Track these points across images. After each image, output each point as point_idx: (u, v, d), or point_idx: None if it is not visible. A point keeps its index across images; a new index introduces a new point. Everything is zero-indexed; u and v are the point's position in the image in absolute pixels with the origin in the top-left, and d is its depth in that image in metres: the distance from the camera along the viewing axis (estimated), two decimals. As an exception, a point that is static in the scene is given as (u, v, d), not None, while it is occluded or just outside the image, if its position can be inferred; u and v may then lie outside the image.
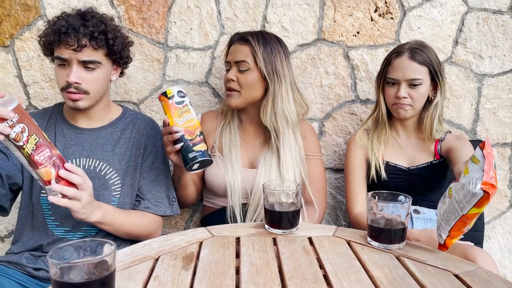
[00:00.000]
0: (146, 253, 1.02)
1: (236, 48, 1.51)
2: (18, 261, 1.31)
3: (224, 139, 1.57)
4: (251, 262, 0.97)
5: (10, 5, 1.72)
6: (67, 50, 1.27)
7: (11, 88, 1.77)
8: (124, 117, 1.47)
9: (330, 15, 1.81)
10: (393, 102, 1.54)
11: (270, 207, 1.14)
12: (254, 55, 1.47)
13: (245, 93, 1.49)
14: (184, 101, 1.26)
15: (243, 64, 1.48)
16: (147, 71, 1.81)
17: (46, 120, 1.41)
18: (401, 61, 1.51)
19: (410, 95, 1.51)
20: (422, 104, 1.54)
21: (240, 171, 1.51)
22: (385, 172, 1.56)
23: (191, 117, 1.25)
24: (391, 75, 1.54)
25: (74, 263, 0.74)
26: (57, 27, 1.28)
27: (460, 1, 1.81)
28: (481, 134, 1.90)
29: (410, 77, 1.49)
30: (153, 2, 1.76)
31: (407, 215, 1.06)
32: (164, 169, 1.47)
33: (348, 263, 0.98)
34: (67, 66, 1.30)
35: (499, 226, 1.97)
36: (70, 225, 1.33)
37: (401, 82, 1.51)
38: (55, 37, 1.27)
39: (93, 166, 1.36)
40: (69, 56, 1.28)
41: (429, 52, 1.51)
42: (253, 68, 1.48)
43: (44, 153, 1.06)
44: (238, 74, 1.49)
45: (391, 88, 1.55)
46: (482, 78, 1.86)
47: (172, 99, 1.24)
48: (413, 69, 1.49)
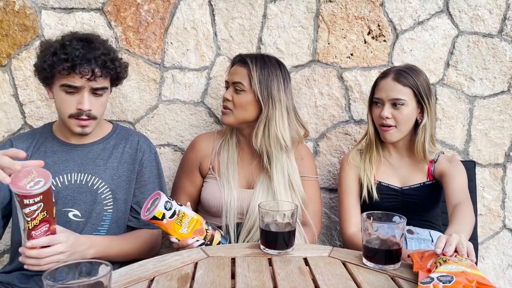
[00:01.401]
0: (141, 274, 1.01)
1: (235, 69, 1.54)
2: (10, 281, 1.29)
3: (222, 157, 1.57)
4: (247, 283, 0.97)
5: (8, 25, 1.73)
6: (81, 79, 1.27)
7: (7, 107, 1.77)
8: (115, 133, 1.48)
9: (324, 37, 1.84)
10: (379, 123, 1.57)
11: (266, 227, 1.14)
12: (250, 77, 1.49)
13: (238, 113, 1.51)
14: (175, 210, 1.19)
15: (238, 85, 1.50)
16: (143, 91, 1.83)
17: (35, 140, 1.41)
18: (385, 82, 1.55)
19: (394, 115, 1.53)
20: (408, 126, 1.55)
21: (236, 190, 1.51)
22: (377, 192, 1.57)
23: (190, 218, 1.22)
24: (376, 95, 1.57)
25: (70, 284, 0.73)
26: (69, 56, 1.25)
27: (451, 24, 1.85)
28: (473, 154, 1.92)
29: (392, 97, 1.52)
30: (150, 24, 1.79)
31: (402, 235, 1.07)
32: (158, 183, 1.49)
33: (344, 284, 0.98)
34: (75, 93, 1.30)
35: (493, 247, 1.98)
36: None
37: (385, 102, 1.54)
38: (67, 66, 1.25)
39: (85, 180, 1.36)
40: (82, 84, 1.28)
41: (415, 75, 1.53)
42: (248, 90, 1.50)
43: (42, 229, 1.06)
44: (233, 94, 1.51)
45: (376, 108, 1.58)
46: (473, 99, 1.90)
47: (165, 217, 1.18)
48: (396, 90, 1.52)
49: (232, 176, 1.53)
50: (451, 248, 1.02)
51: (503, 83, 1.89)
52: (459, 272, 0.87)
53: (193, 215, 1.24)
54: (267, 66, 1.52)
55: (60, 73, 1.27)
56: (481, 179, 1.93)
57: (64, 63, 1.25)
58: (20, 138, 1.41)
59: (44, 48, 1.33)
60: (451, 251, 1.01)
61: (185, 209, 1.23)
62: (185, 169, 1.64)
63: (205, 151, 1.60)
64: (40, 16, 1.74)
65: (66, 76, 1.28)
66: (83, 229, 1.34)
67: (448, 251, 1.01)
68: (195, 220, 1.23)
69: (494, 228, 1.97)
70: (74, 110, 1.30)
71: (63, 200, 1.33)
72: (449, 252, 1.01)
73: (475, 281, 0.84)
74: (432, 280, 0.86)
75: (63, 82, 1.29)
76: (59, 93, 1.31)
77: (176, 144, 1.87)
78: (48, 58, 1.28)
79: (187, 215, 1.22)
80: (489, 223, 1.97)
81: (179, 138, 1.87)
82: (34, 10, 1.73)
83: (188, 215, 1.22)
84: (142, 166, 1.45)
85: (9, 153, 1.02)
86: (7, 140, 1.42)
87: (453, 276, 0.86)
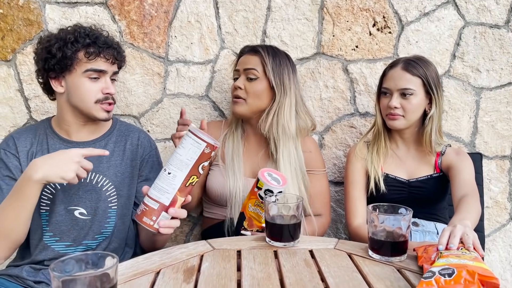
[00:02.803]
0: (147, 267, 1.02)
1: (246, 58, 1.54)
2: (19, 274, 1.30)
3: (227, 148, 1.57)
4: (253, 275, 0.97)
5: (12, 20, 1.74)
6: (105, 63, 1.32)
7: (12, 102, 1.78)
8: (115, 129, 1.47)
9: (329, 30, 1.83)
10: (386, 113, 1.56)
11: (271, 219, 1.14)
12: (263, 64, 1.50)
13: (251, 102, 1.51)
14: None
15: (252, 72, 1.50)
16: (147, 85, 1.83)
17: (36, 136, 1.39)
18: (394, 71, 1.54)
19: (402, 105, 1.52)
20: (415, 116, 1.54)
21: (242, 181, 1.51)
22: (384, 184, 1.56)
23: (261, 215, 1.26)
24: (384, 85, 1.57)
25: (76, 276, 0.74)
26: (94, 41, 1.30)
27: (457, 15, 1.84)
28: (480, 146, 1.91)
29: (401, 86, 1.51)
30: (154, 17, 1.78)
31: (408, 227, 1.06)
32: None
33: (350, 276, 0.98)
34: (98, 79, 1.33)
35: (500, 239, 1.97)
36: (70, 240, 1.33)
37: (393, 92, 1.53)
38: (93, 50, 1.29)
39: (89, 178, 1.36)
40: (106, 68, 1.33)
41: (425, 65, 1.53)
42: (262, 77, 1.51)
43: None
44: (246, 83, 1.51)
45: (384, 98, 1.57)
46: (480, 91, 1.88)
47: (259, 190, 1.23)
48: (405, 79, 1.51)
49: (237, 167, 1.52)
50: (456, 239, 1.01)
51: (510, 75, 1.87)
52: (461, 265, 0.86)
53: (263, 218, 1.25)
54: (277, 55, 1.54)
55: (87, 57, 1.29)
56: (487, 172, 1.92)
57: (90, 48, 1.29)
58: (22, 135, 1.39)
59: (52, 40, 1.31)
60: (456, 243, 1.00)
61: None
62: None
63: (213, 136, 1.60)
64: (44, 11, 1.74)
65: (90, 61, 1.30)
66: (91, 227, 1.35)
67: (453, 244, 1.00)
68: (260, 220, 1.27)
69: (501, 220, 1.96)
70: (101, 95, 1.33)
71: (68, 198, 1.33)
72: (454, 246, 0.99)
73: (476, 273, 0.83)
74: (433, 275, 0.85)
75: (88, 67, 1.30)
76: (81, 80, 1.31)
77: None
78: (69, 46, 1.28)
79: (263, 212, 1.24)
80: (496, 215, 1.96)
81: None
82: (38, 4, 1.73)
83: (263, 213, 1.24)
84: (143, 161, 1.45)
85: (95, 153, 1.21)
86: (9, 137, 1.39)
87: (454, 269, 0.85)
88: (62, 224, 1.32)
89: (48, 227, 1.32)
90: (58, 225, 1.32)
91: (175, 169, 1.03)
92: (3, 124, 1.79)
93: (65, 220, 1.32)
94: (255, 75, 1.50)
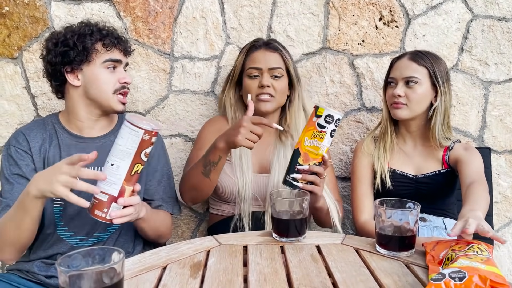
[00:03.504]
0: (154, 262, 1.02)
1: (267, 55, 1.54)
2: (29, 269, 1.30)
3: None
4: (259, 270, 0.97)
5: (18, 17, 1.74)
6: (120, 54, 1.38)
7: (19, 99, 1.79)
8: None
9: (335, 24, 1.82)
10: (391, 102, 1.55)
11: (278, 215, 1.14)
12: (285, 62, 1.56)
13: (279, 99, 1.56)
14: (325, 128, 1.20)
15: (278, 70, 1.54)
16: (153, 81, 1.83)
17: (46, 130, 1.38)
18: (401, 61, 1.54)
19: (406, 94, 1.51)
20: (420, 107, 1.52)
21: (250, 177, 1.50)
22: (391, 180, 1.55)
23: (319, 145, 1.21)
24: (390, 75, 1.57)
25: (83, 271, 0.74)
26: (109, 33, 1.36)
27: (465, 8, 1.81)
28: (489, 141, 1.89)
29: (406, 75, 1.50)
30: (159, 13, 1.78)
31: (416, 222, 1.05)
32: (167, 171, 1.50)
33: (357, 271, 0.98)
34: (115, 68, 1.37)
35: (509, 234, 1.95)
36: (84, 233, 1.34)
37: (398, 81, 1.52)
38: (112, 40, 1.35)
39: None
40: (121, 57, 1.39)
41: (433, 58, 1.52)
42: (285, 75, 1.57)
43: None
44: (272, 80, 1.53)
45: (390, 88, 1.56)
46: (488, 85, 1.86)
47: (318, 119, 1.20)
48: (411, 68, 1.50)
49: (246, 164, 1.51)
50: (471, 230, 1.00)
51: (519, 68, 1.85)
52: (472, 268, 0.84)
53: (322, 148, 1.22)
54: (286, 48, 1.60)
55: (105, 48, 1.34)
56: (496, 166, 1.90)
57: (107, 39, 1.34)
58: (32, 130, 1.38)
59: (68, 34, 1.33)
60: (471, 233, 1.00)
61: (327, 140, 1.22)
62: (201, 144, 1.59)
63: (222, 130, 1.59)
64: (50, 8, 1.75)
65: (108, 52, 1.35)
66: (101, 223, 1.34)
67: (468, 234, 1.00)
68: (317, 152, 1.22)
69: (510, 215, 1.94)
70: (118, 85, 1.36)
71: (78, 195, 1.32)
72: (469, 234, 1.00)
73: (488, 279, 0.80)
74: (443, 277, 0.83)
75: (107, 57, 1.35)
76: (100, 70, 1.34)
77: (186, 134, 1.87)
78: (88, 38, 1.32)
79: (322, 141, 1.21)
80: (505, 210, 1.94)
81: (190, 128, 1.87)
82: (44, 2, 1.74)
83: (322, 143, 1.21)
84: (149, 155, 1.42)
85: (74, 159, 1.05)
86: (18, 133, 1.37)
87: (466, 273, 0.82)
88: (76, 218, 1.32)
89: (62, 221, 1.32)
90: (72, 220, 1.32)
91: (117, 159, 1.03)
92: (10, 121, 1.80)
93: (79, 214, 1.32)
94: (280, 73, 1.54)
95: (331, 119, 1.18)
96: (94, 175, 1.04)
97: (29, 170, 1.31)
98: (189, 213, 1.92)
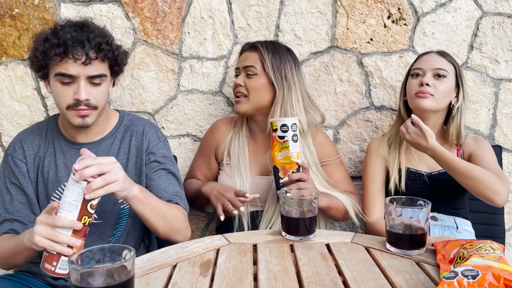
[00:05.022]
0: (164, 260, 1.02)
1: (246, 55, 1.55)
2: (37, 270, 1.31)
3: (233, 148, 1.58)
4: (269, 269, 0.97)
5: (28, 19, 1.76)
6: (75, 65, 1.18)
7: (30, 100, 1.81)
8: (121, 125, 1.40)
9: (343, 23, 1.81)
10: (416, 91, 1.50)
11: (287, 214, 1.14)
12: (262, 61, 1.51)
13: (252, 98, 1.51)
14: (285, 137, 1.27)
15: (250, 69, 1.51)
16: (162, 82, 1.83)
17: (43, 136, 1.35)
18: (429, 55, 1.54)
19: (435, 85, 1.48)
20: (444, 102, 1.50)
21: (249, 179, 1.51)
22: (406, 178, 1.54)
23: (289, 155, 1.28)
24: (417, 66, 1.54)
25: (95, 268, 0.74)
26: (61, 39, 1.17)
27: (474, 5, 1.80)
28: (499, 139, 1.87)
29: (437, 66, 1.49)
30: (167, 14, 1.79)
31: (427, 220, 1.04)
32: (172, 169, 1.41)
33: (368, 269, 0.97)
34: (71, 83, 1.21)
35: (521, 233, 1.93)
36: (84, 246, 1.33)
37: (426, 72, 1.50)
38: (60, 50, 1.16)
39: None
40: (77, 72, 1.19)
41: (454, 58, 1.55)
42: (261, 73, 1.51)
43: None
44: (245, 79, 1.52)
45: (414, 79, 1.52)
46: (498, 82, 1.84)
47: (276, 132, 1.26)
48: (440, 61, 1.51)
49: (243, 166, 1.53)
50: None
51: (530, 65, 1.83)
52: (485, 266, 0.83)
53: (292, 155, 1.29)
54: (278, 50, 1.53)
55: (53, 60, 1.19)
56: (507, 164, 1.88)
57: (56, 48, 1.16)
58: (28, 137, 1.35)
59: (36, 37, 1.24)
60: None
61: (293, 145, 1.29)
62: (202, 151, 1.67)
63: (223, 135, 1.61)
64: (60, 10, 1.76)
65: (59, 64, 1.18)
66: (103, 230, 1.33)
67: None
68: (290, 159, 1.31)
69: (522, 214, 1.92)
70: (71, 100, 1.21)
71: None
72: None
73: (502, 277, 0.79)
74: (456, 275, 0.82)
75: (58, 71, 1.19)
76: (55, 84, 1.22)
77: (195, 134, 1.88)
78: (40, 46, 1.19)
79: (289, 150, 1.28)
80: (516, 209, 1.92)
81: (198, 128, 1.87)
82: (53, 3, 1.75)
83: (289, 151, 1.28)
84: (150, 154, 1.37)
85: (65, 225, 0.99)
86: (16, 140, 1.34)
87: (479, 271, 0.81)
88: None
89: None
90: None
91: (65, 212, 0.97)
92: (21, 122, 1.82)
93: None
94: (253, 71, 1.50)
95: (286, 127, 1.24)
96: (70, 224, 0.97)
97: (23, 179, 1.30)
98: (198, 212, 1.92)
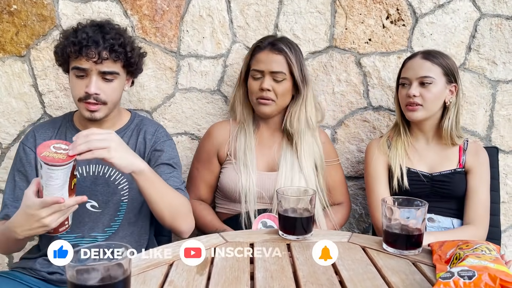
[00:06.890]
0: (161, 258, 1.02)
1: (270, 57, 1.51)
2: (32, 266, 1.32)
3: (239, 143, 1.56)
4: (266, 268, 0.97)
5: (26, 15, 1.75)
6: (88, 62, 1.29)
7: (27, 97, 1.80)
8: (132, 123, 1.48)
9: (342, 23, 1.81)
10: (405, 102, 1.53)
11: (284, 212, 1.14)
12: (289, 64, 1.50)
13: (280, 102, 1.53)
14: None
15: (280, 74, 1.50)
16: (160, 80, 1.83)
17: (56, 129, 1.43)
18: (413, 61, 1.53)
19: (422, 94, 1.49)
20: (435, 107, 1.51)
21: (255, 174, 1.50)
22: (408, 179, 1.54)
23: None
24: (403, 75, 1.55)
25: (91, 265, 0.74)
26: (77, 39, 1.28)
27: (473, 7, 1.80)
28: (496, 140, 1.88)
29: (420, 75, 1.49)
30: (166, 12, 1.78)
31: (423, 220, 1.05)
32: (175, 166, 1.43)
33: (364, 269, 0.97)
34: (85, 77, 1.31)
35: (516, 235, 1.94)
36: (80, 231, 1.34)
37: (412, 81, 1.51)
38: (75, 49, 1.28)
39: (102, 172, 1.37)
40: (89, 66, 1.29)
41: (444, 56, 1.52)
42: (288, 78, 1.51)
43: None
44: (273, 84, 1.50)
45: (403, 89, 1.55)
46: (496, 84, 1.85)
47: None
48: (425, 68, 1.49)
49: (250, 161, 1.52)
50: None
51: (528, 67, 1.83)
52: (482, 267, 0.83)
53: None
54: (294, 48, 1.55)
55: (70, 57, 1.31)
56: (503, 166, 1.88)
57: (72, 46, 1.28)
58: (42, 128, 1.43)
59: (62, 35, 1.36)
60: None
61: None
62: (202, 158, 1.64)
63: (222, 138, 1.60)
64: (58, 6, 1.75)
65: (75, 59, 1.30)
66: (101, 219, 1.36)
67: None
68: None
69: (517, 216, 1.93)
70: (82, 93, 1.30)
71: (81, 191, 1.32)
72: None
73: (498, 278, 0.79)
74: (452, 276, 0.82)
75: (73, 65, 1.31)
76: (71, 77, 1.34)
77: (193, 132, 1.88)
78: (61, 43, 1.33)
79: None
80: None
81: (196, 126, 1.87)
82: (51, 0, 1.75)
83: None
84: (155, 150, 1.42)
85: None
86: (30, 132, 1.43)
87: (475, 271, 0.81)
88: (74, 216, 1.32)
89: None
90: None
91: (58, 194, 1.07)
92: (18, 119, 1.81)
93: (77, 212, 1.32)
94: (282, 77, 1.50)
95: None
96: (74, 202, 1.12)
97: (30, 167, 1.35)
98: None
